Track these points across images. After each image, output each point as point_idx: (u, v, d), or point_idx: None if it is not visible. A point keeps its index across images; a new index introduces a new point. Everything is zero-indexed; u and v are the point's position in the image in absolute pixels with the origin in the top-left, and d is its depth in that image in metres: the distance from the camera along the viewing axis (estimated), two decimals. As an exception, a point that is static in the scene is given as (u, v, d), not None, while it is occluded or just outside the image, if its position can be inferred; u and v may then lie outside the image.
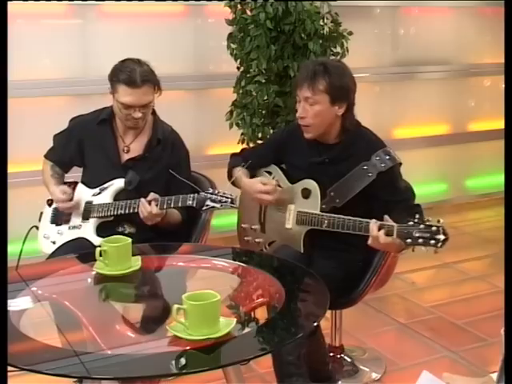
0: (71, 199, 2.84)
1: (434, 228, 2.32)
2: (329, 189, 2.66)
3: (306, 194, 2.71)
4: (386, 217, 2.43)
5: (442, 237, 2.30)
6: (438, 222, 2.33)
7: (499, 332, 1.62)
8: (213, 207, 2.59)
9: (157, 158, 2.85)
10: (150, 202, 2.66)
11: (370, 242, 2.45)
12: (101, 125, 2.90)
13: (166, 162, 2.84)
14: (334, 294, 2.60)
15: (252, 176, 2.88)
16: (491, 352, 3.13)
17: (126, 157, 2.87)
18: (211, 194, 2.59)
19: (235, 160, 2.93)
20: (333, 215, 2.60)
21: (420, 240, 2.33)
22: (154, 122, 2.91)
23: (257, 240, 2.86)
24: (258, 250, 2.83)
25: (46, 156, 3.02)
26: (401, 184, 2.70)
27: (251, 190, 2.77)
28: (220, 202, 2.58)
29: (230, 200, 2.58)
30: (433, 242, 2.31)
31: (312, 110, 2.61)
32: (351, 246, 2.67)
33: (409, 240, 2.35)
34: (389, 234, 2.39)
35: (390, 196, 2.63)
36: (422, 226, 2.34)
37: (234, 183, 2.87)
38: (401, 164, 2.67)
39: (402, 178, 2.71)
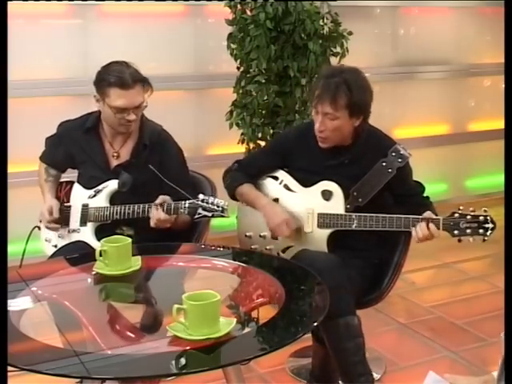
0: (56, 221, 2.82)
1: (481, 217, 2.45)
2: (348, 189, 2.67)
3: (327, 195, 2.70)
4: (429, 212, 2.54)
5: (490, 225, 2.44)
6: (485, 211, 2.45)
7: (499, 332, 1.61)
8: (204, 216, 2.60)
9: (145, 162, 2.80)
10: (157, 207, 2.63)
11: (417, 238, 2.53)
12: (87, 133, 2.86)
13: (156, 166, 2.79)
14: (361, 293, 2.64)
15: (256, 184, 2.84)
16: (491, 352, 3.13)
17: (115, 163, 2.85)
18: (202, 201, 2.58)
19: (237, 178, 2.85)
20: (363, 214, 2.62)
21: (468, 230, 2.46)
22: (141, 125, 2.86)
23: (268, 247, 2.80)
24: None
25: (41, 158, 3.01)
26: (412, 178, 2.77)
27: (275, 217, 2.71)
28: (211, 210, 2.58)
29: (220, 209, 2.57)
30: (481, 231, 2.45)
31: (331, 125, 2.62)
32: (370, 244, 2.71)
33: (456, 231, 2.47)
34: (435, 227, 2.49)
35: (405, 190, 2.72)
36: (468, 216, 2.46)
37: (235, 199, 2.85)
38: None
39: (412, 173, 2.77)
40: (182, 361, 1.76)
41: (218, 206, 2.57)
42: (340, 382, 2.61)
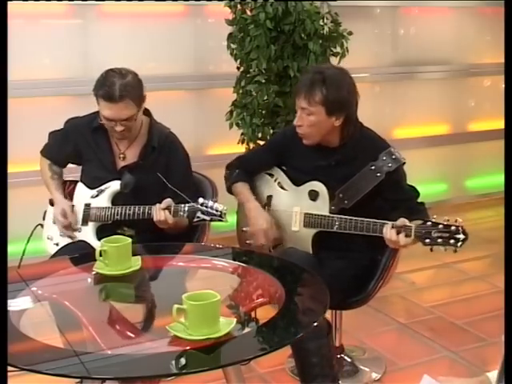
0: (70, 224, 2.84)
1: (453, 228, 2.37)
2: (337, 190, 2.66)
3: (314, 196, 2.70)
4: (403, 219, 2.47)
5: (461, 236, 2.35)
6: (456, 221, 2.38)
7: (499, 332, 1.62)
8: (203, 220, 2.62)
9: (152, 164, 2.83)
10: (165, 209, 2.65)
11: (388, 244, 2.51)
12: (95, 132, 2.87)
13: (162, 168, 2.82)
14: (345, 294, 2.63)
15: (252, 182, 2.86)
16: (491, 352, 3.13)
17: (121, 164, 2.86)
18: (201, 205, 2.60)
19: (235, 174, 2.86)
20: (344, 217, 2.61)
21: (439, 240, 2.38)
22: (150, 127, 2.88)
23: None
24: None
25: (42, 153, 3.01)
26: (405, 183, 2.72)
27: (255, 223, 2.73)
28: (210, 215, 2.60)
29: (219, 214, 2.59)
30: (452, 241, 2.37)
31: (308, 121, 2.61)
32: (358, 245, 2.69)
33: (427, 240, 2.40)
34: (407, 235, 2.43)
35: (396, 195, 2.67)
36: (440, 225, 2.38)
37: (232, 193, 2.87)
38: (404, 163, 2.69)
39: (406, 178, 2.73)
40: (182, 361, 1.76)
41: (216, 211, 2.59)
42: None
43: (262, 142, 3.94)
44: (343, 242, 2.66)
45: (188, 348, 1.77)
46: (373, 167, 2.63)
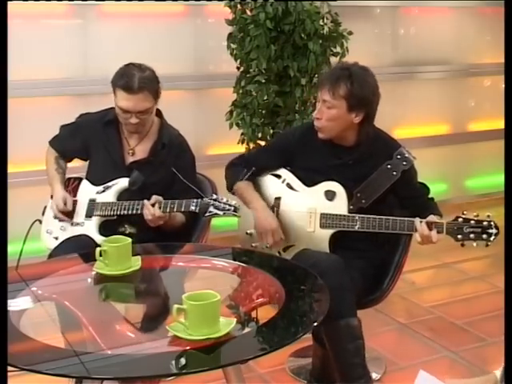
0: (68, 212, 2.85)
1: (485, 223, 2.47)
2: (352, 190, 2.67)
3: (330, 196, 2.70)
4: (432, 215, 2.55)
5: (494, 231, 2.46)
6: (488, 216, 2.47)
7: (499, 332, 1.62)
8: (215, 214, 2.61)
9: (161, 161, 2.86)
10: (153, 205, 2.66)
11: (419, 240, 2.55)
12: (107, 126, 2.91)
13: (170, 166, 2.84)
14: (362, 294, 2.65)
15: (256, 182, 2.85)
16: (491, 352, 3.13)
17: (130, 159, 2.89)
18: (214, 200, 2.60)
19: (238, 173, 2.83)
20: (366, 216, 2.62)
21: (472, 235, 2.48)
22: (161, 126, 2.92)
23: (268, 245, 2.78)
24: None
25: (51, 143, 3.02)
26: (417, 180, 2.78)
27: (265, 222, 2.71)
28: (223, 209, 2.60)
29: (232, 208, 2.59)
30: (485, 236, 2.47)
31: (328, 113, 2.62)
32: (372, 245, 2.71)
33: (460, 236, 2.49)
34: (438, 231, 2.51)
35: (410, 193, 2.73)
36: (472, 221, 2.47)
37: (234, 193, 2.86)
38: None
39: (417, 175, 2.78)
40: (182, 361, 1.76)
41: (230, 205, 2.59)
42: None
43: (262, 142, 3.95)
44: (358, 241, 2.67)
45: (188, 348, 1.77)
46: (389, 166, 2.67)
